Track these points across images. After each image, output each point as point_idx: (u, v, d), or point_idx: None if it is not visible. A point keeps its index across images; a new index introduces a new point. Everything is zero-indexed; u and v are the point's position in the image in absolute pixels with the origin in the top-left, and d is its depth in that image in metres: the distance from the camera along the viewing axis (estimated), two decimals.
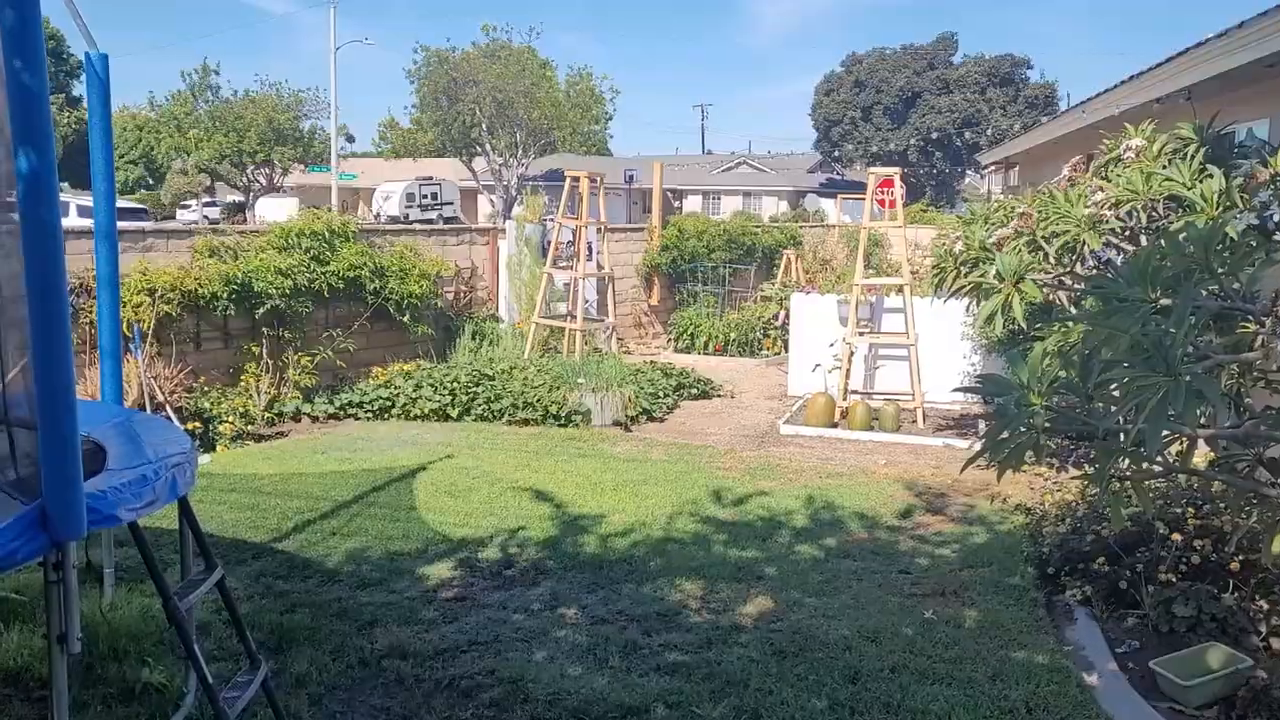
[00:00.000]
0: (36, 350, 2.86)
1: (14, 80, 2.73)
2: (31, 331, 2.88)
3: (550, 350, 13.46)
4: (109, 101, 4.99)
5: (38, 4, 2.76)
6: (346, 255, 11.65)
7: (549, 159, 43.62)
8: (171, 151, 46.49)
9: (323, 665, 4.63)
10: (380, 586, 5.78)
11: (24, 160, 2.78)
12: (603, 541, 6.62)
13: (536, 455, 9.07)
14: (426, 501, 7.55)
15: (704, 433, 10.29)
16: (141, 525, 3.51)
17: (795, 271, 17.12)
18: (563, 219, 13.73)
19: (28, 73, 2.72)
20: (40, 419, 2.86)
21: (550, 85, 38.45)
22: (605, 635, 5.06)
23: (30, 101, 2.73)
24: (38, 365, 2.85)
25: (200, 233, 11.09)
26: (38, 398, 2.85)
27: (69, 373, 2.91)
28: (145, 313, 9.62)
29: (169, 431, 4.33)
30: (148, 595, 5.24)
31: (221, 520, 6.91)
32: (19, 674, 4.35)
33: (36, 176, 2.78)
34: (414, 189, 42.21)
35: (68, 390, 2.89)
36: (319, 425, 10.59)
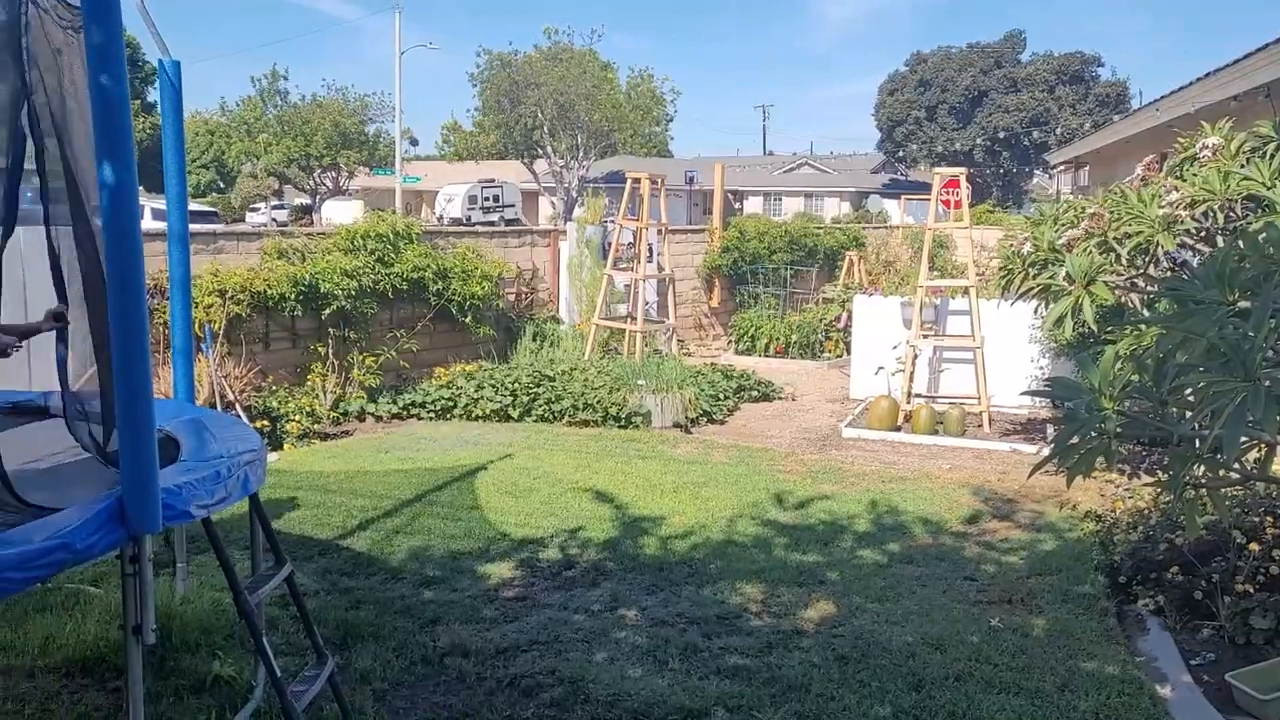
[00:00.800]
0: (117, 350, 2.94)
1: (99, 95, 2.82)
2: (112, 332, 2.97)
3: (610, 352, 13.50)
4: (181, 107, 5.10)
5: (121, 22, 2.85)
6: (410, 257, 11.80)
7: (609, 161, 43.80)
8: (242, 155, 47.63)
9: (386, 662, 4.69)
10: (442, 585, 5.84)
11: (108, 170, 2.86)
12: (663, 543, 6.62)
13: (596, 456, 9.10)
14: (488, 501, 7.62)
15: (765, 435, 10.24)
16: (213, 520, 3.60)
17: (858, 273, 16.95)
18: (623, 220, 13.76)
19: (112, 87, 2.81)
20: (120, 416, 2.94)
21: (611, 87, 38.60)
22: (665, 637, 5.06)
23: (113, 114, 2.82)
24: (118, 364, 2.93)
25: (269, 235, 11.33)
26: (118, 396, 2.93)
27: (147, 371, 2.99)
28: (216, 313, 9.84)
29: (240, 429, 4.43)
30: (218, 589, 5.36)
31: (289, 517, 7.04)
32: (95, 664, 4.47)
33: (119, 186, 2.86)
34: (476, 191, 42.65)
35: (146, 388, 2.97)
36: (382, 425, 10.75)
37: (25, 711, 3.99)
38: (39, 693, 4.18)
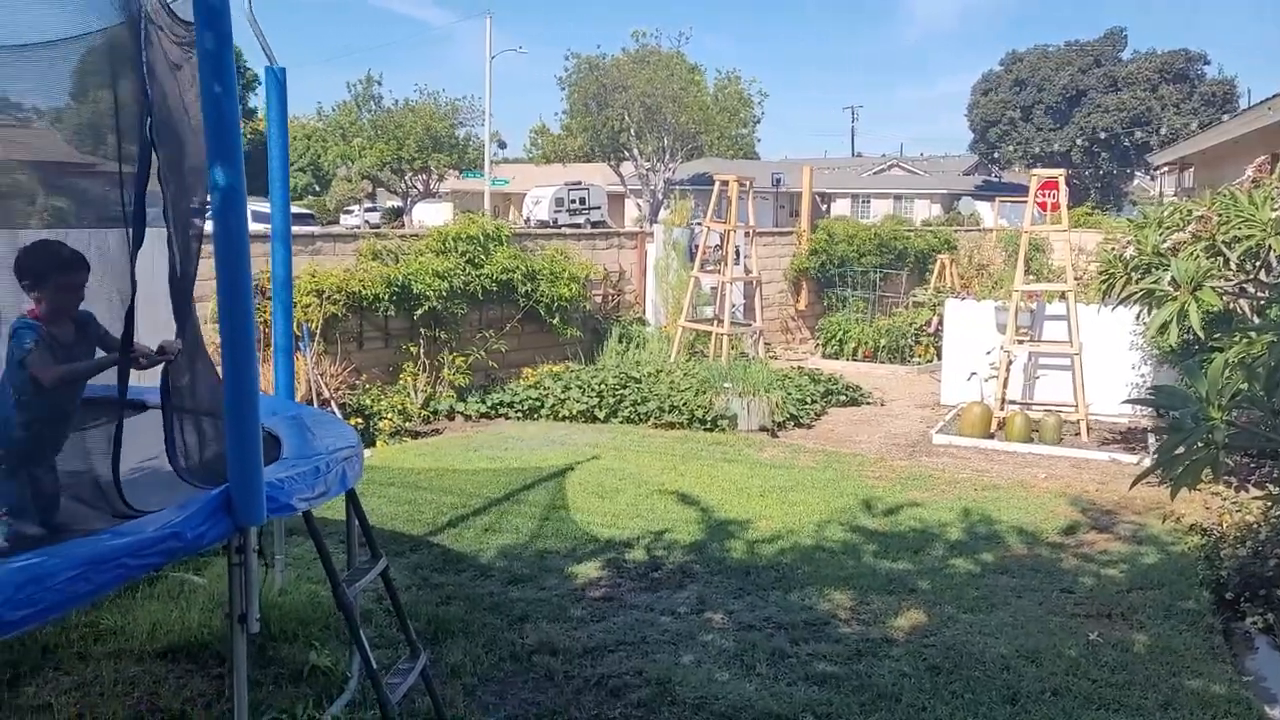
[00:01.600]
0: (225, 348, 3.03)
1: (211, 99, 2.91)
2: (220, 328, 3.07)
3: (696, 354, 13.48)
4: (286, 112, 5.26)
5: (230, 29, 2.94)
6: (500, 259, 11.95)
7: (696, 163, 43.75)
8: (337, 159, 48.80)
9: (476, 657, 4.75)
10: (530, 583, 5.90)
11: (219, 173, 2.96)
12: (749, 547, 6.58)
13: (682, 459, 9.09)
14: (574, 501, 7.67)
15: (853, 440, 10.11)
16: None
17: (949, 276, 16.63)
18: (710, 223, 13.73)
19: (223, 93, 2.90)
20: (227, 413, 3.03)
21: (698, 89, 38.55)
22: (752, 642, 5.03)
23: (224, 119, 2.91)
24: (226, 362, 3.03)
25: (364, 237, 11.59)
26: (226, 393, 3.02)
27: (254, 370, 3.09)
28: (314, 313, 10.11)
29: (337, 426, 4.54)
30: (314, 582, 5.51)
31: (381, 513, 7.19)
32: (199, 650, 4.63)
33: (229, 189, 2.95)
34: (563, 194, 43.00)
35: (252, 386, 3.06)
36: (471, 423, 10.91)
37: (134, 694, 4.15)
38: (147, 676, 4.34)
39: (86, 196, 6.86)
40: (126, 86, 3.59)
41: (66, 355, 3.21)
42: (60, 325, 3.23)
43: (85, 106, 5.60)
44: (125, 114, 3.63)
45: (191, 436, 3.39)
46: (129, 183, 3.52)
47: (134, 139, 3.60)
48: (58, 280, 3.24)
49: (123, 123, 3.66)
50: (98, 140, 5.97)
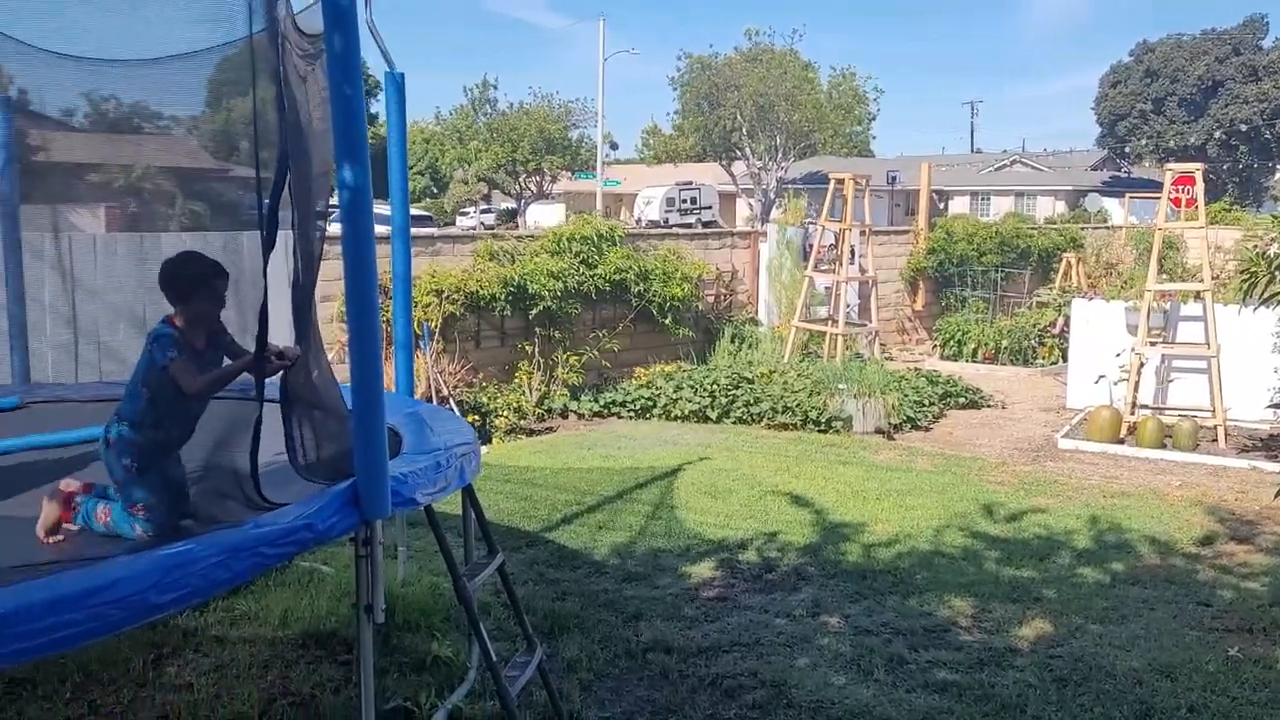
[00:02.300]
0: (352, 346, 3.12)
1: (340, 101, 3.00)
2: (349, 328, 3.16)
3: (810, 354, 13.33)
4: (405, 115, 5.40)
5: (358, 31, 3.03)
6: (613, 259, 12.04)
7: (808, 161, 43.28)
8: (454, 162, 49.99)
9: (591, 653, 4.79)
10: (644, 581, 5.92)
11: (347, 173, 3.04)
12: (865, 551, 6.47)
13: (796, 460, 9.00)
14: (687, 501, 7.67)
15: (973, 444, 9.85)
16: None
17: (1076, 276, 16.03)
18: (825, 222, 13.56)
19: (351, 94, 2.98)
20: (354, 409, 3.12)
21: (812, 87, 38.14)
22: (869, 647, 4.94)
23: (352, 120, 2.99)
24: (353, 360, 3.12)
25: (481, 238, 11.83)
26: (353, 390, 3.11)
27: (379, 367, 3.17)
28: (433, 312, 10.36)
29: (455, 423, 4.64)
30: (434, 574, 5.64)
31: (498, 509, 7.32)
32: (327, 638, 4.79)
33: (356, 189, 3.03)
34: (674, 194, 43.06)
35: (378, 383, 3.14)
36: (584, 422, 11.02)
37: (268, 677, 4.33)
38: (279, 661, 4.51)
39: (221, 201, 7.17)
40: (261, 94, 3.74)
41: (199, 362, 3.34)
42: (196, 334, 3.35)
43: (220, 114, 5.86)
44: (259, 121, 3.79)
45: (310, 435, 3.50)
46: (264, 187, 3.66)
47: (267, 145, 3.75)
48: (202, 293, 3.36)
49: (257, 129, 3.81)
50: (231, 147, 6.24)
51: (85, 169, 7.69)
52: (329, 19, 2.96)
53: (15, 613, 2.14)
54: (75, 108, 6.50)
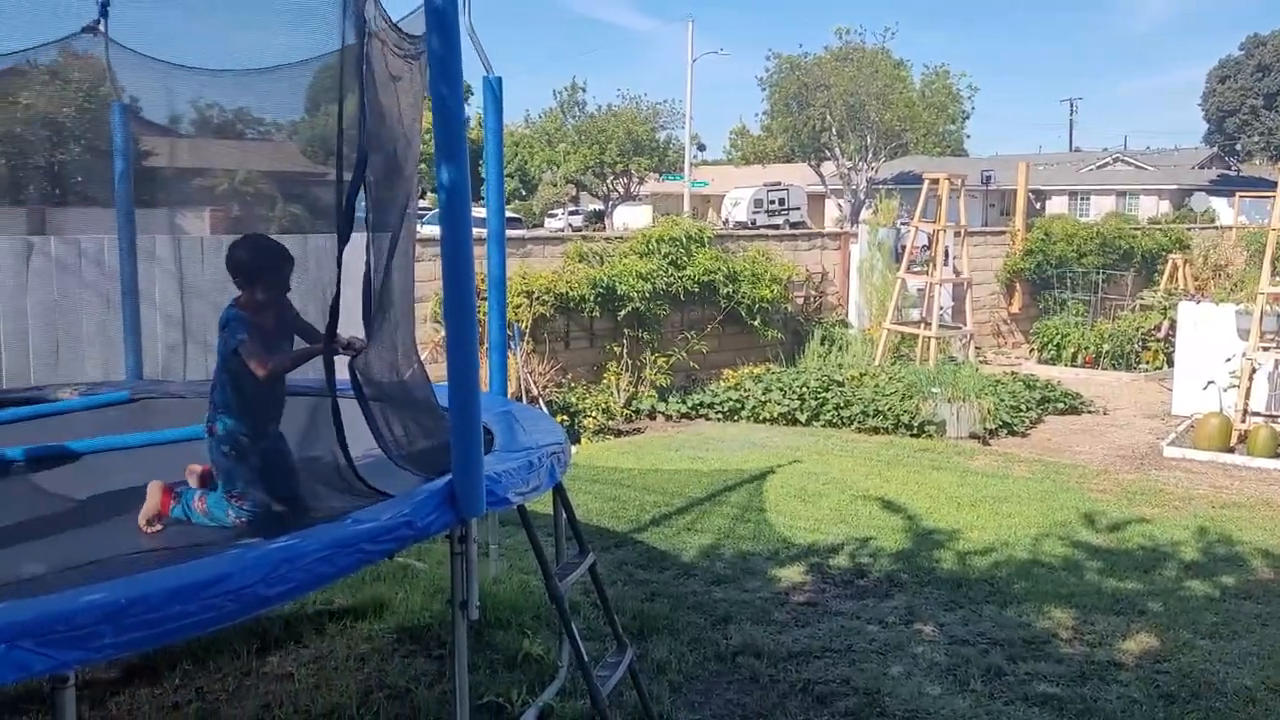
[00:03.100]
0: (450, 346, 3.16)
1: (439, 102, 3.04)
2: (447, 329, 3.21)
3: (901, 357, 13.10)
4: (501, 118, 5.46)
5: (459, 34, 3.07)
6: (702, 260, 12.02)
7: (899, 161, 42.57)
8: (543, 164, 50.48)
9: (681, 655, 4.78)
10: (733, 584, 5.89)
11: (445, 174, 3.08)
12: (960, 558, 6.33)
13: (887, 465, 8.86)
14: (776, 504, 7.61)
15: (1072, 450, 9.56)
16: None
17: (1182, 278, 15.46)
18: (919, 223, 13.32)
19: (449, 95, 3.02)
20: (451, 409, 3.16)
21: (904, 86, 37.50)
22: (965, 656, 4.83)
23: (450, 121, 3.03)
24: (451, 360, 3.15)
25: (571, 239, 11.93)
26: (450, 389, 3.15)
27: (475, 367, 3.21)
28: (524, 313, 10.48)
29: (545, 423, 4.68)
30: (525, 572, 5.71)
31: (587, 509, 7.36)
32: (421, 632, 4.88)
33: (455, 189, 3.07)
34: (761, 195, 42.78)
35: (474, 383, 3.18)
36: (672, 423, 11.02)
37: (365, 669, 4.42)
38: (376, 654, 4.61)
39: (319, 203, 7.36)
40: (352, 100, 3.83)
41: (269, 343, 3.36)
42: (265, 315, 3.38)
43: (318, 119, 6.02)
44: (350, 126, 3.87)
45: (397, 425, 3.55)
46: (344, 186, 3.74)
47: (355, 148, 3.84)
48: (268, 275, 3.39)
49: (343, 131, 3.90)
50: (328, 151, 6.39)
51: (191, 173, 8.00)
52: (430, 22, 3.00)
53: (135, 602, 2.22)
54: (182, 114, 6.76)
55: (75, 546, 3.14)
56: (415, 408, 3.57)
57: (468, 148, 3.21)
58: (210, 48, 5.37)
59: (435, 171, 3.08)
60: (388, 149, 3.74)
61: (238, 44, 5.31)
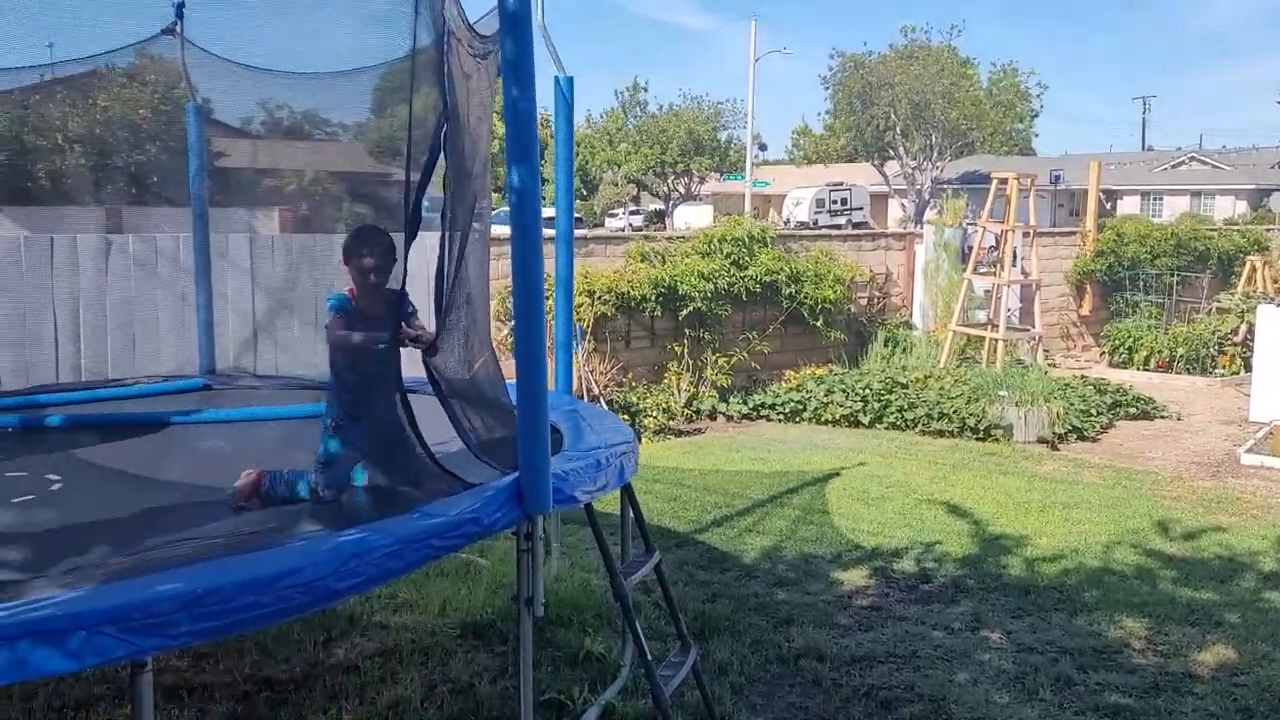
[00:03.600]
0: (518, 345, 3.18)
1: (510, 104, 3.05)
2: (515, 328, 3.22)
3: (967, 360, 12.90)
4: (572, 119, 5.47)
5: (531, 38, 3.08)
6: (764, 260, 11.96)
7: (965, 161, 41.91)
8: (604, 164, 50.63)
9: (742, 656, 4.75)
10: (795, 586, 5.85)
11: (516, 174, 3.09)
12: (1028, 565, 6.21)
13: (952, 468, 8.72)
14: (838, 507, 7.54)
15: (1145, 456, 9.33)
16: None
17: (1261, 280, 14.99)
18: (986, 222, 13.10)
19: (521, 97, 3.03)
20: (519, 407, 3.17)
21: (971, 84, 36.93)
22: (1033, 665, 4.73)
23: (522, 122, 3.05)
24: (519, 358, 3.17)
25: (633, 239, 11.94)
26: (518, 387, 3.17)
27: (544, 366, 3.22)
28: (585, 312, 10.51)
29: (613, 422, 4.68)
30: (586, 571, 5.72)
31: (647, 508, 7.32)
32: (484, 628, 4.91)
33: (525, 190, 3.09)
34: (823, 195, 42.40)
35: (542, 381, 3.19)
36: (732, 424, 10.98)
37: (429, 663, 4.47)
38: (439, 648, 4.65)
39: (385, 203, 7.44)
40: (423, 100, 3.86)
41: (369, 327, 3.48)
42: (369, 301, 3.53)
43: (384, 120, 6.10)
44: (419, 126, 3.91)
45: (476, 420, 3.58)
46: (412, 187, 3.78)
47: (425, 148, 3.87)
48: (358, 260, 3.57)
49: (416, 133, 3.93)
50: (394, 151, 6.47)
51: (262, 173, 8.17)
52: (503, 24, 3.02)
53: (210, 592, 2.26)
54: (253, 115, 6.90)
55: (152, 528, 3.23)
56: (489, 403, 3.60)
57: (539, 149, 3.22)
58: (282, 50, 5.47)
59: (506, 172, 3.10)
60: (459, 148, 3.77)
61: (310, 46, 5.40)
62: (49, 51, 5.37)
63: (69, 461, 4.26)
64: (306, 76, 5.73)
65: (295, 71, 5.71)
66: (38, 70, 5.79)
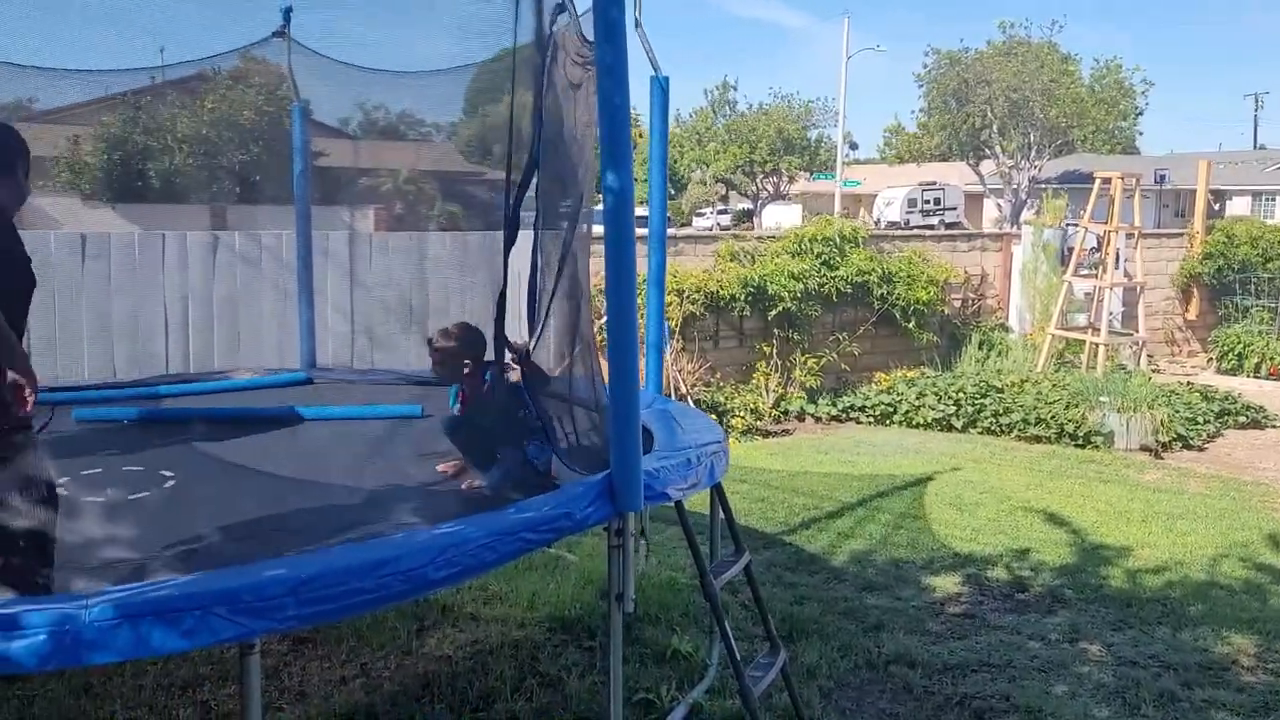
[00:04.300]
0: (611, 345, 3.19)
1: (607, 109, 3.07)
2: (608, 328, 3.24)
3: (1066, 364, 12.54)
4: (667, 120, 5.47)
5: (626, 44, 3.09)
6: (855, 260, 11.81)
7: (1064, 159, 40.72)
8: (692, 164, 50.58)
9: (831, 660, 4.70)
10: (884, 591, 5.76)
11: (611, 177, 3.11)
12: (1130, 577, 6.01)
13: (1050, 475, 8.50)
14: (930, 512, 7.41)
15: (1255, 467, 8.95)
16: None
17: None
18: (1088, 223, 12.71)
19: (618, 102, 3.05)
20: (611, 404, 3.19)
21: (1072, 81, 35.85)
22: (1135, 679, 4.57)
23: (618, 127, 3.06)
24: (611, 358, 3.18)
25: (722, 238, 11.91)
26: (610, 386, 3.18)
27: (635, 365, 3.23)
28: (674, 311, 10.51)
29: (703, 421, 4.67)
30: (673, 569, 5.72)
31: (735, 508, 7.21)
32: (572, 623, 4.95)
33: (620, 192, 3.09)
34: (916, 194, 41.68)
35: (634, 380, 3.20)
36: (821, 425, 10.87)
37: (518, 656, 4.52)
38: (529, 641, 4.71)
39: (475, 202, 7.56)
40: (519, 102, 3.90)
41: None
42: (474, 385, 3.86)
43: (476, 121, 6.19)
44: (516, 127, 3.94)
45: (569, 424, 3.62)
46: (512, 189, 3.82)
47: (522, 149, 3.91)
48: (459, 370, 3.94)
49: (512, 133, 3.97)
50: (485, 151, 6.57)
51: (358, 173, 8.36)
52: (598, 27, 3.04)
53: (315, 577, 2.33)
54: (350, 116, 7.07)
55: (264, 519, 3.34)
56: (586, 405, 3.64)
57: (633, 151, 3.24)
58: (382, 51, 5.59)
59: (600, 173, 3.12)
60: (560, 152, 3.81)
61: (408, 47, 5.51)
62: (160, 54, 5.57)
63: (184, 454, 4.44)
64: (407, 76, 5.85)
65: (394, 71, 5.84)
66: (149, 73, 6.01)
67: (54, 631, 2.08)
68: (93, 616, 2.09)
